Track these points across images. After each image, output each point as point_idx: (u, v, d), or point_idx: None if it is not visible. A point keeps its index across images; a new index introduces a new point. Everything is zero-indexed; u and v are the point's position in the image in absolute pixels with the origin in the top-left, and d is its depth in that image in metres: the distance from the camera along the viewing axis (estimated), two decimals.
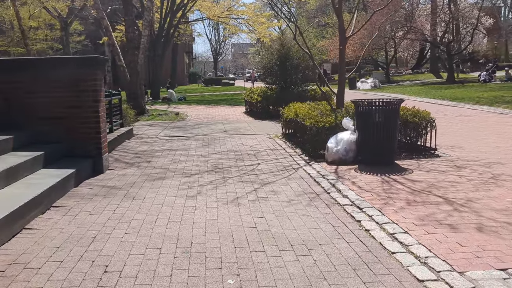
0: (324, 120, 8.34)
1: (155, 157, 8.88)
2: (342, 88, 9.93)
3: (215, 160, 8.47)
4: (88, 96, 7.26)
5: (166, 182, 6.71)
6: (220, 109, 20.63)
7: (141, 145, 10.42)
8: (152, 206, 5.42)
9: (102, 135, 7.46)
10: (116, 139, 9.89)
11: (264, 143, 10.40)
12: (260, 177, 6.98)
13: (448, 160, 7.82)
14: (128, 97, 17.43)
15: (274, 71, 16.29)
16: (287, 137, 10.98)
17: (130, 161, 8.49)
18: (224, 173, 7.28)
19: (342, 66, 10.07)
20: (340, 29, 9.82)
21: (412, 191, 5.82)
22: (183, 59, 61.02)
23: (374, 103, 7.51)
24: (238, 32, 36.91)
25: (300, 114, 9.40)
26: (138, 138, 11.68)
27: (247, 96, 17.78)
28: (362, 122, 7.57)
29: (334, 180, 6.54)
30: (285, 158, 8.52)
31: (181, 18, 32.05)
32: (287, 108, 11.12)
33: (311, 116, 8.68)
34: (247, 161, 8.27)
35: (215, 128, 13.65)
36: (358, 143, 7.72)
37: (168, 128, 13.81)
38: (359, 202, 5.36)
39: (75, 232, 4.53)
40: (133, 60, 16.95)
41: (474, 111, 16.26)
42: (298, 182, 6.59)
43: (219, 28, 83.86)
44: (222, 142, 10.74)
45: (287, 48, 16.00)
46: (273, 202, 5.57)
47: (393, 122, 7.42)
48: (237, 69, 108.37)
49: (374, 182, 6.37)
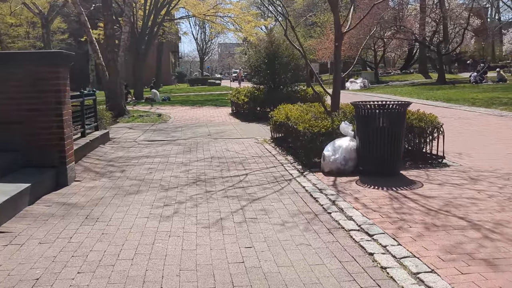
0: (319, 125, 7.44)
1: (130, 165, 7.91)
2: (337, 89, 9.04)
3: (197, 169, 7.53)
4: (50, 98, 6.28)
5: (139, 197, 5.76)
6: (205, 110, 19.65)
7: (116, 151, 9.44)
8: (117, 232, 4.47)
9: (66, 142, 6.48)
10: (88, 145, 8.90)
11: (252, 149, 9.48)
12: (248, 191, 6.06)
13: (460, 170, 6.97)
14: (107, 97, 16.41)
15: (262, 70, 15.36)
16: (276, 142, 10.08)
17: (101, 170, 7.52)
18: (207, 186, 6.34)
19: (337, 65, 9.19)
20: (336, 24, 8.94)
21: (428, 211, 4.94)
22: (169, 58, 59.83)
23: (378, 105, 6.64)
24: (225, 30, 35.85)
25: (291, 117, 8.50)
26: (115, 142, 10.69)
27: (233, 97, 16.80)
28: (363, 127, 6.70)
29: (334, 196, 5.64)
30: (276, 167, 7.60)
31: (165, 16, 30.99)
32: (276, 110, 10.22)
33: (304, 120, 7.78)
34: (233, 171, 7.34)
35: (198, 131, 12.70)
36: (358, 151, 6.83)
37: (149, 131, 12.82)
38: (368, 226, 4.47)
39: (15, 271, 3.57)
40: (112, 58, 15.91)
41: (472, 113, 15.51)
42: (292, 197, 5.68)
43: (206, 27, 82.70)
44: (205, 147, 9.80)
45: (276, 45, 15.06)
46: (263, 224, 4.65)
47: (399, 127, 6.55)
48: (223, 69, 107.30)
49: (380, 199, 5.48)
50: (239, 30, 34.07)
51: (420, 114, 7.85)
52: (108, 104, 16.27)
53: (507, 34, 54.23)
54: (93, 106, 10.71)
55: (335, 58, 9.15)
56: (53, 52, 6.35)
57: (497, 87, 26.42)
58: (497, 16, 68.19)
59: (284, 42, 15.22)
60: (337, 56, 9.08)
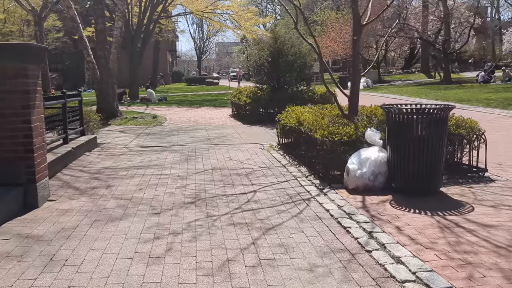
0: (340, 132, 6.28)
1: (118, 178, 6.74)
2: (356, 89, 7.89)
3: (196, 184, 6.37)
4: (14, 100, 5.11)
5: (123, 225, 4.60)
6: (203, 111, 18.46)
7: (103, 160, 8.27)
8: (89, 284, 3.32)
9: (36, 154, 5.32)
10: (70, 153, 7.74)
11: (258, 157, 8.34)
12: (259, 215, 4.91)
13: (510, 187, 5.83)
14: (98, 98, 15.20)
15: (265, 69, 14.17)
16: (285, 148, 8.93)
17: (83, 186, 6.35)
18: (208, 208, 5.19)
19: (356, 62, 8.05)
20: (355, 16, 7.79)
21: (496, 249, 3.80)
22: (166, 57, 58.64)
23: (415, 110, 5.50)
24: (223, 28, 34.69)
25: (305, 122, 7.35)
26: (103, 149, 9.52)
27: (234, 98, 15.59)
28: (396, 136, 5.55)
29: (369, 224, 4.49)
30: (289, 181, 6.44)
31: (162, 13, 29.79)
32: (285, 113, 9.07)
33: (321, 126, 6.62)
34: (238, 186, 6.19)
35: (197, 135, 11.52)
36: (390, 164, 5.69)
37: (142, 135, 11.65)
38: (427, 276, 3.31)
39: None
40: (103, 56, 14.71)
41: (491, 115, 14.41)
42: (315, 226, 4.53)
43: (203, 26, 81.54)
44: (205, 155, 8.64)
45: (281, 42, 13.85)
46: (285, 270, 3.50)
47: (440, 135, 5.41)
48: (221, 68, 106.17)
49: (428, 229, 4.33)
50: (238, 28, 32.92)
51: (457, 119, 6.70)
52: (98, 105, 15.08)
53: (507, 33, 53.17)
54: (79, 108, 9.55)
55: (354, 54, 8.00)
56: (19, 45, 5.17)
57: (508, 87, 25.31)
58: (497, 16, 67.27)
59: (290, 39, 14.06)
60: (355, 51, 7.94)
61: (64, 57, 48.82)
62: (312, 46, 8.51)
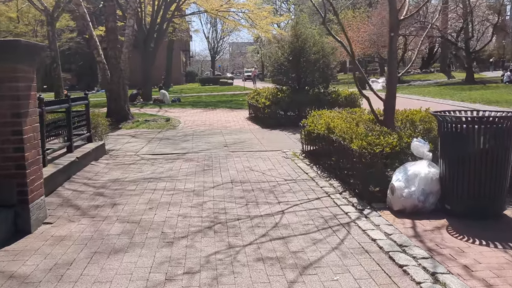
0: (380, 142, 5.42)
1: (125, 195, 5.95)
2: (393, 92, 7.03)
3: (214, 202, 5.55)
4: (2, 108, 4.34)
5: (128, 260, 3.80)
6: (219, 114, 17.65)
7: (111, 170, 7.51)
8: None
9: (29, 170, 4.54)
10: (74, 164, 6.98)
11: (282, 167, 7.51)
12: (291, 246, 4.08)
13: None
14: (108, 100, 14.46)
15: (285, 68, 13.31)
16: (310, 157, 8.10)
17: (85, 203, 5.57)
18: (230, 235, 4.37)
19: (393, 61, 7.18)
20: (392, 9, 6.93)
21: None
22: (180, 57, 57.98)
23: (478, 118, 4.64)
24: (238, 27, 33.86)
25: (336, 130, 6.51)
26: (112, 157, 8.76)
27: (252, 99, 14.72)
28: (452, 148, 4.69)
29: (429, 262, 3.63)
30: (321, 199, 5.61)
31: (175, 11, 29.05)
32: (311, 118, 8.23)
33: (358, 135, 5.77)
34: (263, 205, 5.36)
35: (213, 140, 10.72)
36: (443, 181, 4.83)
37: (154, 140, 10.87)
38: None
39: None
40: (114, 55, 13.97)
41: None
42: (363, 263, 3.69)
43: (217, 25, 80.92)
44: (223, 164, 7.83)
45: (303, 40, 12.97)
46: None
47: (506, 148, 4.54)
48: (234, 68, 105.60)
49: (506, 269, 3.47)
50: (254, 27, 32.09)
51: None
52: (109, 107, 14.36)
53: None
54: (85, 112, 8.79)
55: (390, 52, 7.12)
56: (7, 42, 4.39)
57: None
58: None
59: (313, 36, 13.19)
60: (393, 49, 7.07)
61: (77, 57, 48.48)
62: (343, 44, 7.67)
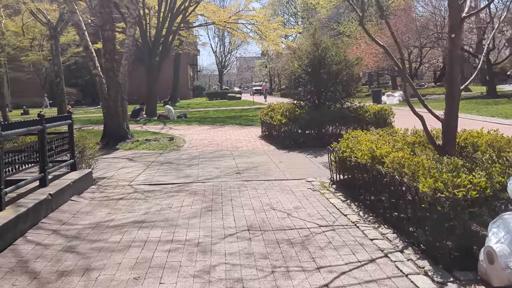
0: (462, 182, 3.80)
1: (104, 251, 4.36)
2: (454, 110, 5.44)
3: (227, 266, 3.94)
4: None
5: None
6: (228, 131, 16.03)
7: (94, 209, 5.93)
8: None
9: None
10: (44, 204, 5.41)
11: (311, 205, 5.90)
12: None
13: None
14: (105, 117, 12.91)
15: (303, 81, 11.74)
16: (344, 189, 6.52)
17: (46, 268, 3.98)
18: None
19: (454, 72, 5.59)
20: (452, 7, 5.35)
21: None
22: (187, 71, 56.71)
23: None
24: (248, 39, 32.41)
25: (387, 159, 4.91)
26: (100, 188, 7.20)
27: (265, 116, 13.10)
28: None
29: None
30: (376, 261, 3.98)
31: (181, 23, 27.66)
32: (344, 141, 6.64)
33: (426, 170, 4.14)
34: (296, 274, 3.75)
35: (222, 165, 9.13)
36: None
37: (154, 165, 9.30)
38: None
39: None
40: (112, 68, 12.47)
41: None
42: None
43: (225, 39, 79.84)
44: (235, 200, 6.24)
45: (323, 49, 11.39)
46: None
47: None
48: (242, 82, 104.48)
49: None
50: (263, 39, 30.68)
51: None
52: (105, 125, 12.83)
53: None
54: (69, 134, 7.25)
55: (451, 58, 5.52)
56: None
57: None
58: None
59: (334, 45, 11.62)
60: (453, 54, 5.48)
61: (84, 71, 47.37)
62: (387, 49, 6.10)
